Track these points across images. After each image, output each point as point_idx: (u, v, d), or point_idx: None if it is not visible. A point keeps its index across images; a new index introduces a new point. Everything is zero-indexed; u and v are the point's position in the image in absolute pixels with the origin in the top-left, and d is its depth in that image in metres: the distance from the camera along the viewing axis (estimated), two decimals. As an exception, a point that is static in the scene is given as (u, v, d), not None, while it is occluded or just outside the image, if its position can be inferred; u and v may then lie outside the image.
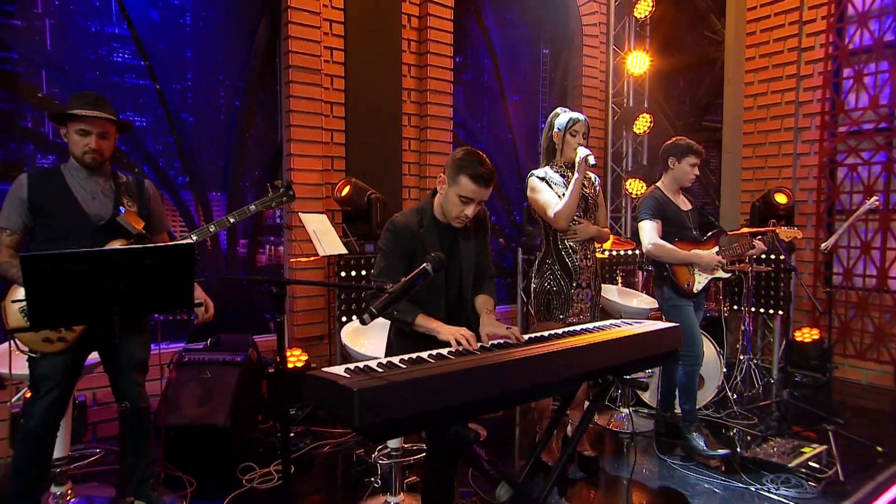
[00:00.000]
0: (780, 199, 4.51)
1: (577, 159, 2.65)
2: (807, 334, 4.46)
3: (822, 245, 3.17)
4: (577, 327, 2.06)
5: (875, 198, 3.17)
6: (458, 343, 1.78)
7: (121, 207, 2.37)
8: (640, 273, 4.49)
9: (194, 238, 2.49)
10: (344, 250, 3.81)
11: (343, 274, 3.83)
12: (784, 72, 4.99)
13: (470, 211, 1.99)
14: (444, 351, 1.73)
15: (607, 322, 2.19)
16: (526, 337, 1.87)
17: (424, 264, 1.60)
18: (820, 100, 4.79)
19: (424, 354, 1.66)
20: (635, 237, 3.58)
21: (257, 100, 4.10)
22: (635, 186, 5.44)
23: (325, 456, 3.23)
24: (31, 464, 2.30)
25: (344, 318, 3.77)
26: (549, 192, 2.72)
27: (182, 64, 3.80)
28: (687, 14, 5.57)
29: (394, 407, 1.36)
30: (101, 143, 2.33)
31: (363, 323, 1.54)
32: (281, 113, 4.14)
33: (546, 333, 1.94)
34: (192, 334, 3.72)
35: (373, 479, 2.87)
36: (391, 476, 2.54)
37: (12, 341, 2.22)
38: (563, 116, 2.83)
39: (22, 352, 2.21)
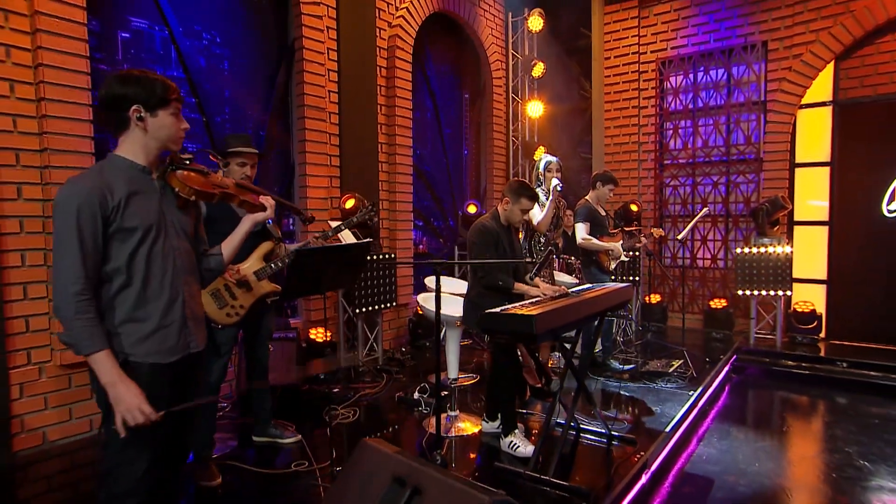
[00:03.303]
0: (633, 207, 6.12)
1: (551, 188, 3.77)
2: (653, 298, 6.12)
3: (679, 236, 4.68)
4: (585, 286, 3.17)
5: (706, 208, 4.78)
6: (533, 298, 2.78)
7: (269, 220, 2.96)
8: (557, 260, 5.78)
9: (311, 242, 3.15)
10: (362, 249, 4.53)
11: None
12: (630, 122, 6.67)
13: (526, 217, 2.99)
14: (534, 300, 2.71)
15: (596, 284, 3.34)
16: (570, 291, 2.93)
17: (550, 247, 2.58)
18: (653, 142, 6.53)
19: (531, 301, 2.64)
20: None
21: (276, 130, 4.62)
22: (534, 199, 6.77)
23: (371, 401, 3.94)
24: (211, 411, 2.81)
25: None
26: (537, 208, 3.79)
27: (222, 101, 4.21)
28: (566, 76, 7.06)
29: (546, 323, 2.33)
30: (252, 171, 2.92)
31: (532, 278, 2.49)
32: (294, 141, 4.71)
33: (578, 289, 3.01)
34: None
35: (419, 408, 3.71)
36: (451, 397, 3.43)
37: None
38: (543, 160, 3.95)
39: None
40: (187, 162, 1.84)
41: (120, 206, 1.58)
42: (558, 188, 3.75)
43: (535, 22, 6.56)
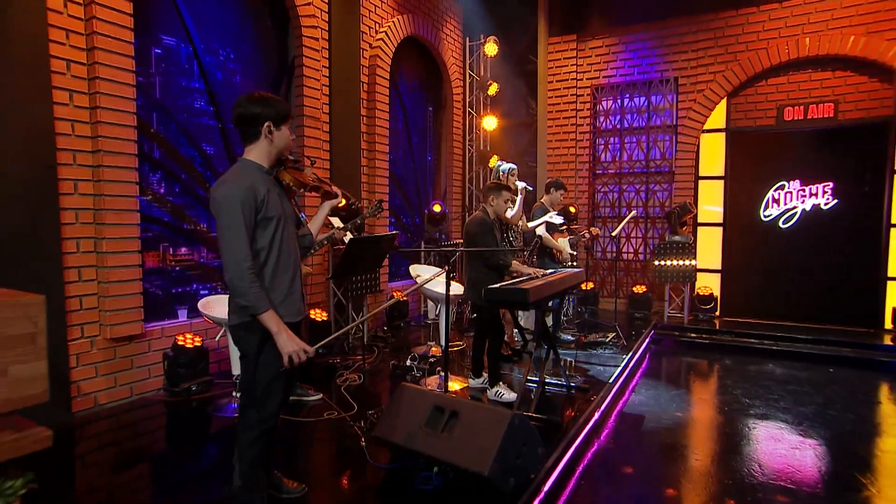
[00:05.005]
0: (572, 210, 7.00)
1: (520, 188, 4.48)
2: (588, 285, 7.04)
3: (614, 233, 5.58)
4: (549, 270, 3.91)
5: (634, 211, 5.71)
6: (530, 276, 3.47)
7: (302, 213, 3.45)
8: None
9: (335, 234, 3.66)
10: (356, 242, 5.04)
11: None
12: (568, 137, 7.57)
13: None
14: (527, 277, 3.41)
15: (560, 269, 4.09)
16: (546, 272, 3.66)
17: (536, 238, 3.27)
18: (587, 155, 7.47)
19: (525, 278, 3.33)
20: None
21: (277, 136, 5.01)
22: (488, 201, 7.51)
23: (370, 369, 4.46)
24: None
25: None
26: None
27: (234, 109, 4.58)
28: (515, 95, 7.87)
29: (536, 295, 3.03)
30: (292, 176, 3.40)
31: (527, 262, 3.16)
32: (294, 147, 5.12)
33: (550, 271, 3.74)
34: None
35: (413, 373, 4.30)
36: (449, 360, 4.05)
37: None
38: (504, 165, 4.64)
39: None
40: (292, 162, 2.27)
41: (264, 200, 1.95)
42: (528, 188, 4.47)
43: (491, 48, 7.30)
